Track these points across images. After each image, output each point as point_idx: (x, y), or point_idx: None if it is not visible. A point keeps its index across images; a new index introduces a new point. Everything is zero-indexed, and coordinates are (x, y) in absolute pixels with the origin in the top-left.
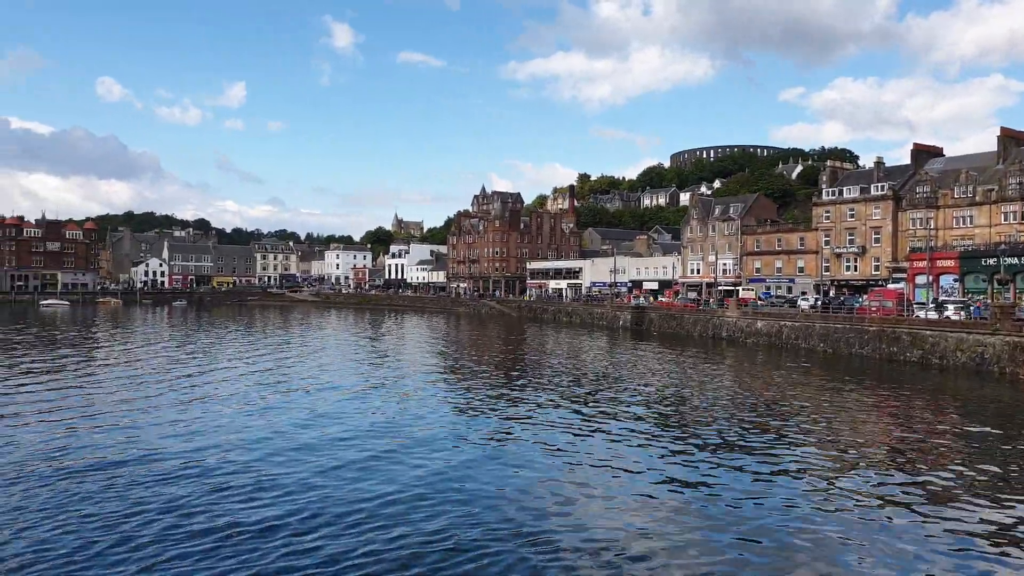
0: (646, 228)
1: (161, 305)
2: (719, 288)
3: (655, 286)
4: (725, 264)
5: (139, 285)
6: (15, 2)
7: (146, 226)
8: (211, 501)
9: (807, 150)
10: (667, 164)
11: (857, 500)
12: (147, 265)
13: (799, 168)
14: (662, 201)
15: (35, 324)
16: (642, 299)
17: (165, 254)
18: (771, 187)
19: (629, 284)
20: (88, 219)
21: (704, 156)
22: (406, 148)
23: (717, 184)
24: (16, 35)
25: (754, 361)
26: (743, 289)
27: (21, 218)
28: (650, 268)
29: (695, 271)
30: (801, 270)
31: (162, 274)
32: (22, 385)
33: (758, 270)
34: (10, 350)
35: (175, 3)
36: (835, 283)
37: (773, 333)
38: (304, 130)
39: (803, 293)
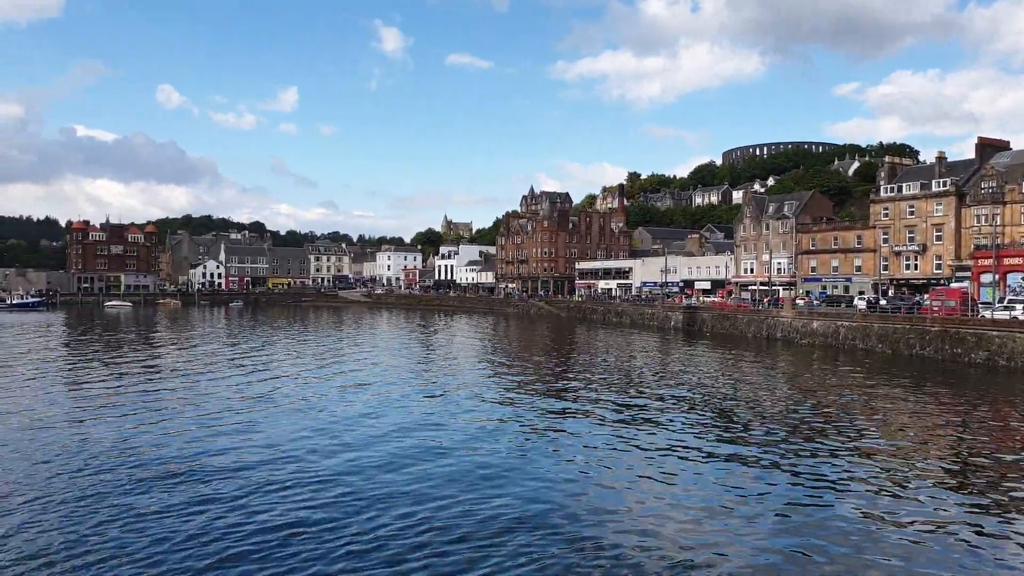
0: (698, 227)
1: (218, 306)
2: (773, 287)
3: (707, 286)
4: (779, 263)
5: (197, 287)
6: (82, 16)
7: (204, 229)
8: (273, 499)
9: (864, 146)
10: (719, 162)
11: (923, 510)
12: (205, 267)
13: (856, 164)
14: (714, 199)
15: (101, 324)
16: (694, 299)
17: (222, 256)
18: (827, 184)
19: (680, 284)
20: (149, 223)
21: (757, 153)
22: (455, 150)
23: (771, 182)
24: (82, 48)
25: (810, 362)
26: (781, 288)
27: (87, 223)
28: (702, 267)
29: (748, 270)
30: (858, 269)
31: (219, 276)
32: (90, 384)
33: (813, 269)
34: (81, 350)
35: (229, 12)
36: (894, 282)
37: (830, 334)
38: (355, 133)
39: (860, 292)
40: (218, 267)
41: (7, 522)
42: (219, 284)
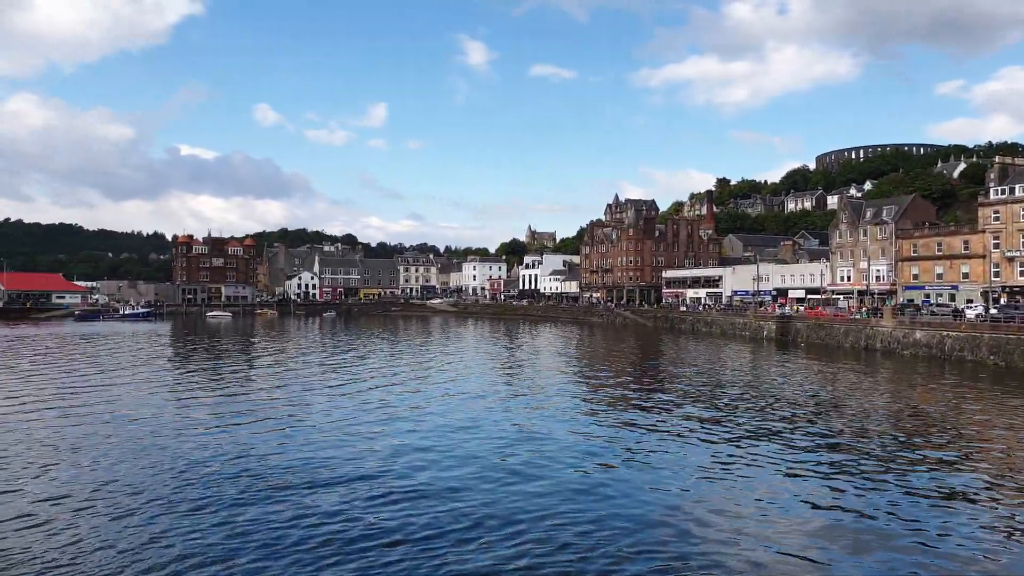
0: (790, 233)
1: (313, 316)
2: (872, 295)
3: (801, 294)
4: (878, 270)
5: (293, 297)
6: (187, 42)
7: (298, 242)
8: (369, 508)
9: (970, 146)
10: (812, 166)
11: None
12: (300, 278)
13: (961, 166)
14: (807, 205)
15: (204, 333)
16: (787, 308)
17: (316, 268)
18: (929, 187)
19: (773, 292)
20: (247, 236)
21: (852, 157)
22: (538, 160)
23: (868, 186)
24: (187, 71)
25: (914, 374)
26: (880, 296)
27: (191, 237)
28: (796, 275)
29: (845, 278)
30: (965, 276)
31: (313, 287)
32: (198, 392)
33: (915, 277)
34: (188, 358)
35: (322, 33)
36: (1007, 289)
37: (934, 344)
38: (441, 146)
39: (969, 301)
40: (312, 278)
41: (121, 524)
42: (314, 295)
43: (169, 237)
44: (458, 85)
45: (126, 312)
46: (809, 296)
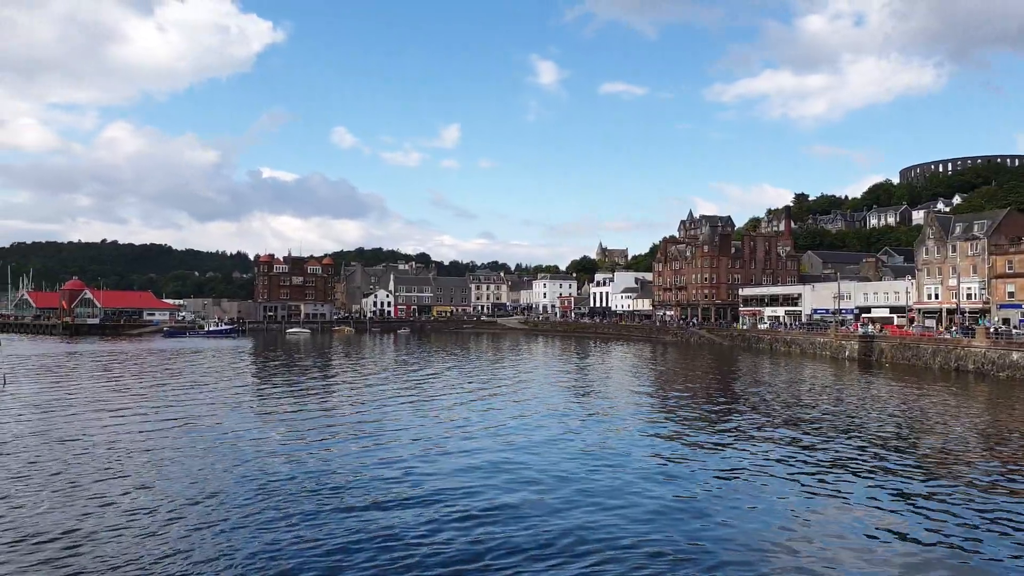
0: (873, 250)
1: (388, 333)
2: (963, 314)
3: (886, 313)
4: (969, 288)
5: (368, 315)
6: (270, 70)
7: (374, 260)
8: (449, 527)
9: None
10: (895, 180)
11: None
12: (375, 296)
13: None
14: (891, 220)
15: (284, 350)
16: (870, 327)
17: (391, 286)
18: None
19: (855, 311)
20: (325, 255)
21: (939, 170)
22: (609, 177)
23: (957, 200)
24: (269, 97)
25: (1012, 398)
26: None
27: (272, 256)
28: (879, 293)
29: (932, 296)
30: None
31: (388, 304)
32: (277, 406)
33: (1011, 295)
34: (269, 374)
35: (396, 57)
36: None
37: None
38: (512, 165)
39: None
40: (387, 296)
41: (207, 533)
42: (388, 312)
43: (252, 256)
44: (529, 104)
45: (211, 329)
46: (894, 315)
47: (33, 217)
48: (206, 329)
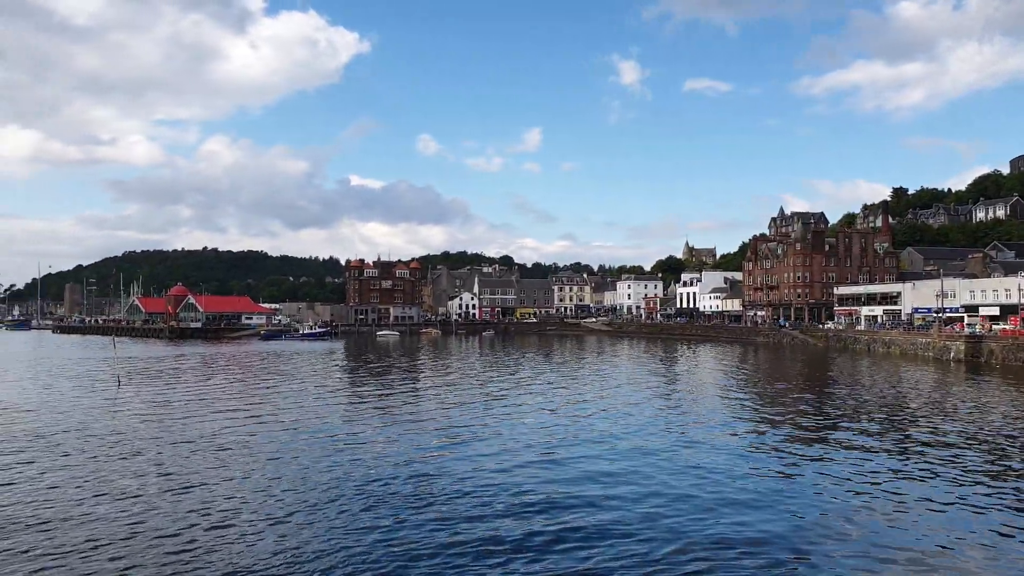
0: (980, 245)
1: (473, 335)
2: None
3: (995, 311)
4: None
5: (454, 317)
6: (357, 80)
7: (459, 264)
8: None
9: None
10: (1005, 171)
11: None
12: (461, 299)
13: None
14: (1000, 213)
15: (376, 351)
16: (977, 327)
17: (476, 289)
18: None
19: (960, 309)
20: (413, 260)
21: None
22: (695, 176)
23: None
24: (357, 107)
25: None
26: None
27: (362, 261)
28: (987, 291)
29: None
30: None
31: (473, 307)
32: (369, 407)
33: None
34: (362, 375)
35: (478, 63)
36: None
37: None
38: (595, 167)
39: None
40: (472, 299)
41: (302, 531)
42: (473, 314)
43: (342, 261)
44: (611, 105)
45: (305, 332)
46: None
47: (143, 228)
48: (301, 332)
